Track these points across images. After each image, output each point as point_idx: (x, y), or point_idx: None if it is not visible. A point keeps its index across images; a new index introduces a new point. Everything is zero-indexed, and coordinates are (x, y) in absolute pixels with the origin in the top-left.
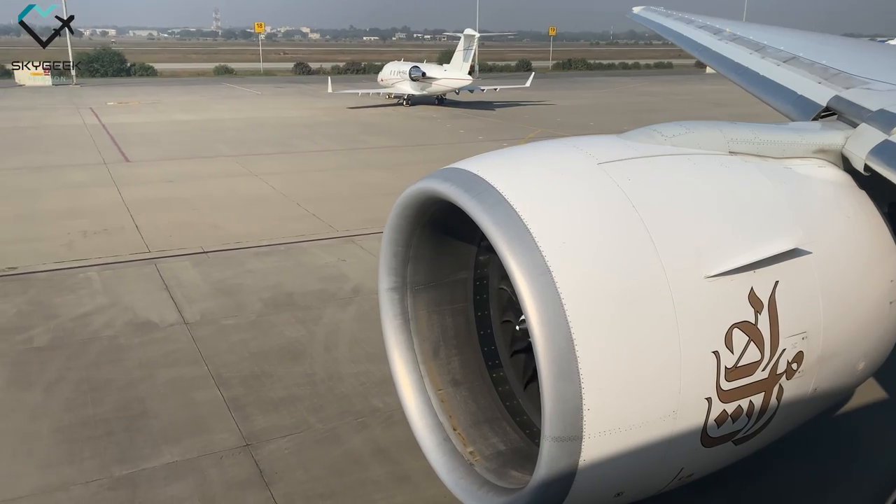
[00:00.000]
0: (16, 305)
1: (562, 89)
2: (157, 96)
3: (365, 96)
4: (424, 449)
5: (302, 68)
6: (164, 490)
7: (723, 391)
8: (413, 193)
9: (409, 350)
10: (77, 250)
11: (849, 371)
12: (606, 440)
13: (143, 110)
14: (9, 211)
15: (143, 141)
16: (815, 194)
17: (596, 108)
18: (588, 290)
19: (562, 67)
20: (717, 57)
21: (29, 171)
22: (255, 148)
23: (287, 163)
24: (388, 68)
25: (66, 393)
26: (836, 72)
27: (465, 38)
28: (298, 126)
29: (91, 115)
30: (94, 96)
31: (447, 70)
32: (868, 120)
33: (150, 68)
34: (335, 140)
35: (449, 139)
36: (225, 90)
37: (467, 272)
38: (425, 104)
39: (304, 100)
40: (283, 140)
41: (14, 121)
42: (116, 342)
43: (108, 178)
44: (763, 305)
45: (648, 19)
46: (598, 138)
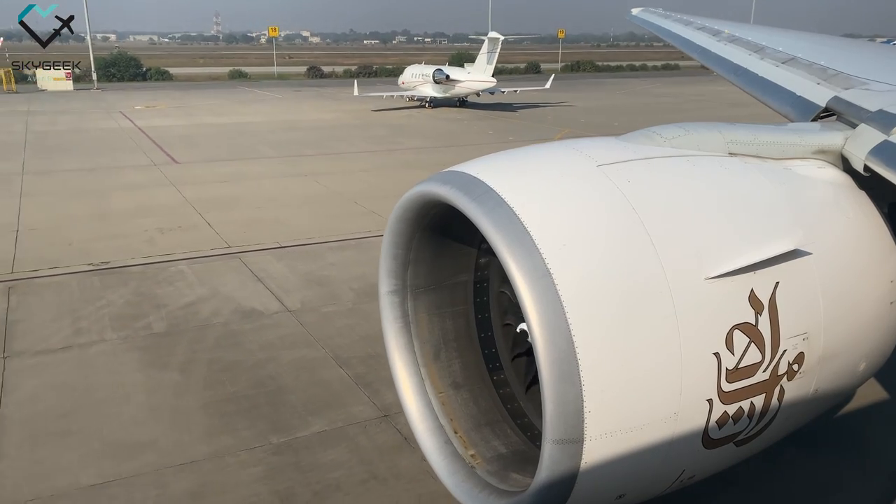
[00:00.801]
0: (122, 296)
1: (577, 91)
2: (181, 100)
3: (389, 99)
4: (425, 451)
5: (314, 72)
6: (324, 455)
7: (724, 392)
8: (413, 196)
9: (409, 353)
10: (159, 246)
11: (850, 372)
12: (608, 442)
13: (173, 114)
14: (82, 210)
15: (183, 143)
16: (814, 195)
17: (616, 109)
18: (588, 293)
19: (570, 69)
20: (717, 58)
21: (85, 172)
22: (295, 150)
23: (330, 163)
24: (410, 71)
25: (201, 373)
26: (835, 72)
27: (490, 40)
28: (329, 128)
29: (123, 118)
30: (118, 100)
31: (470, 72)
32: (867, 120)
33: (166, 72)
34: (370, 142)
35: (480, 140)
36: (244, 94)
37: (467, 275)
38: (447, 106)
39: (325, 103)
40: (320, 142)
41: (52, 125)
42: (229, 328)
43: (164, 179)
44: (763, 306)
45: (647, 21)
46: (597, 140)
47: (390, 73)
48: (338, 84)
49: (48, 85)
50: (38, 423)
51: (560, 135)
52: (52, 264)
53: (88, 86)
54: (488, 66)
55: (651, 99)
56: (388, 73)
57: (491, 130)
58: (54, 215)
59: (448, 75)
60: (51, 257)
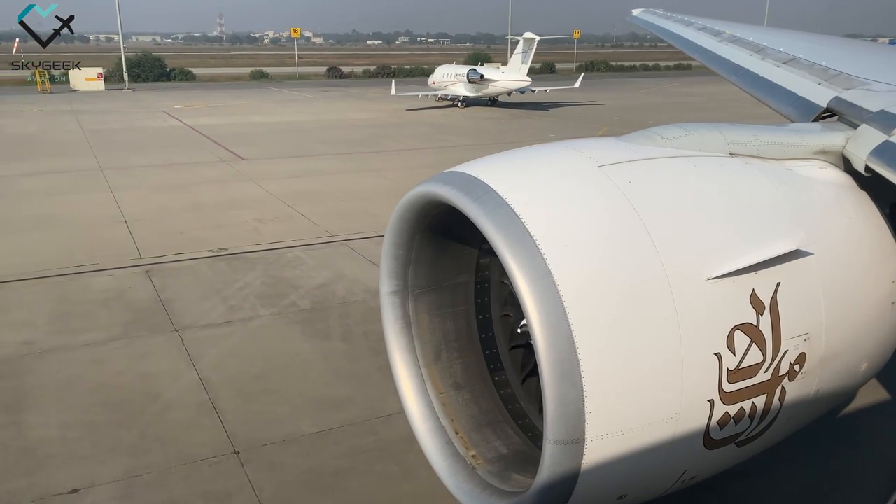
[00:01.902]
0: (256, 278)
1: (599, 90)
2: (216, 100)
3: (421, 98)
4: (427, 452)
5: (334, 72)
6: None
7: (725, 393)
8: (413, 197)
9: (410, 353)
10: (265, 235)
11: (851, 372)
12: (609, 443)
13: (215, 113)
14: (174, 203)
15: (241, 141)
16: (816, 195)
17: (644, 107)
18: (589, 293)
19: (584, 69)
20: (717, 59)
21: (160, 168)
22: (349, 147)
23: (389, 160)
24: (441, 71)
25: (361, 343)
26: (836, 73)
27: (525, 41)
28: (372, 126)
29: (169, 117)
30: (155, 100)
31: (504, 72)
32: (868, 121)
33: (189, 73)
34: (418, 140)
35: (522, 137)
36: (274, 94)
37: (468, 275)
38: (478, 105)
39: (358, 102)
40: (369, 139)
41: (103, 123)
42: (368, 305)
43: (238, 174)
44: (765, 307)
45: (648, 22)
46: (598, 140)
47: (407, 73)
48: (361, 84)
49: (80, 85)
50: (239, 384)
51: (601, 132)
52: (174, 251)
53: (119, 86)
54: (523, 66)
55: (677, 98)
56: (405, 74)
57: (531, 128)
58: (151, 207)
59: (482, 75)
60: (170, 244)
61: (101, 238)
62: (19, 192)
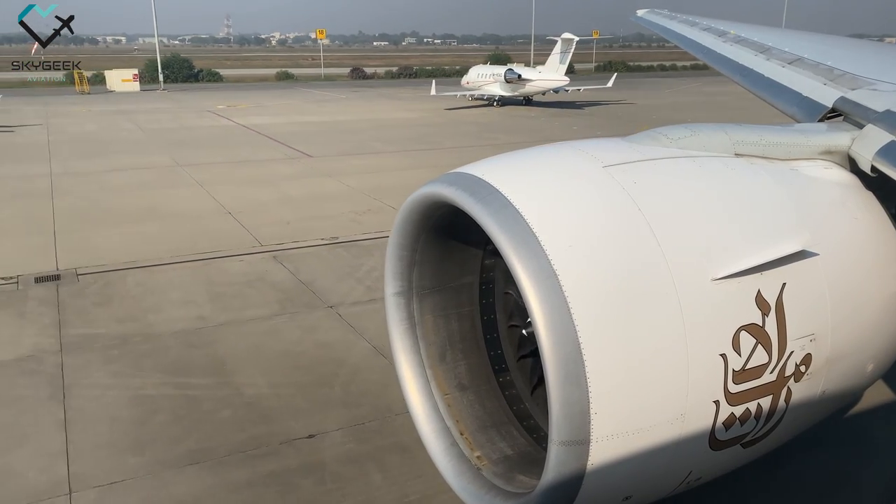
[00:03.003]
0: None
1: (626, 90)
2: (254, 100)
3: (452, 98)
4: (431, 453)
5: (357, 73)
6: None
7: (731, 394)
8: (418, 198)
9: (415, 354)
10: (367, 225)
11: (858, 373)
12: (614, 444)
13: (261, 113)
14: (266, 196)
15: (299, 140)
16: (821, 196)
17: (677, 106)
18: (594, 294)
19: (602, 69)
20: (722, 59)
21: (235, 164)
22: (405, 145)
23: (449, 157)
24: (475, 71)
25: None
26: (841, 73)
27: (563, 41)
28: (419, 126)
29: (217, 117)
30: (194, 100)
31: (541, 72)
32: (874, 121)
33: (217, 74)
34: (468, 137)
35: (569, 135)
36: (307, 94)
37: (473, 276)
38: (513, 104)
39: (394, 102)
40: (422, 138)
41: (157, 122)
42: None
43: (313, 170)
44: (770, 307)
45: (653, 22)
46: (602, 141)
47: (429, 73)
48: (387, 84)
49: (116, 86)
50: None
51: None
52: (289, 239)
53: (153, 87)
54: (561, 66)
55: (706, 98)
56: (426, 74)
57: (575, 126)
58: (247, 201)
59: (520, 74)
60: (282, 234)
61: (214, 228)
62: (114, 187)
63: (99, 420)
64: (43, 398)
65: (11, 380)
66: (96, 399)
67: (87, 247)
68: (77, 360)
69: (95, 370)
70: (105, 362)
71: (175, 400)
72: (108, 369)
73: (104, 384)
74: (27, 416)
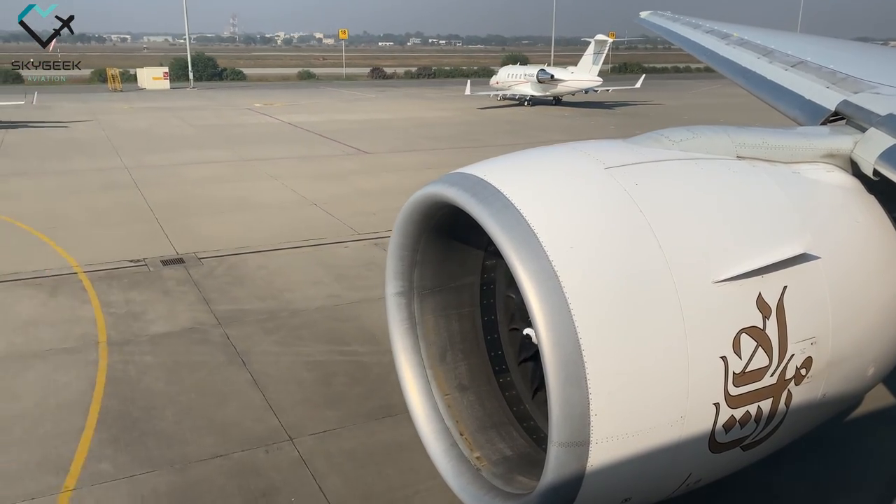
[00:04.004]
0: None
1: (651, 91)
2: (286, 99)
3: (487, 98)
4: (431, 454)
5: (377, 73)
6: None
7: (731, 396)
8: (420, 198)
9: (415, 354)
10: None
11: (858, 376)
12: (614, 445)
13: (299, 111)
14: (343, 189)
15: (348, 137)
16: (823, 199)
17: (704, 107)
18: (595, 295)
19: (618, 71)
20: (725, 61)
21: (300, 160)
22: (452, 142)
23: (499, 153)
24: (505, 71)
25: None
26: (844, 76)
27: (596, 42)
28: (458, 124)
29: (258, 114)
30: (227, 98)
31: (573, 72)
32: (877, 124)
33: (240, 73)
34: (509, 135)
35: (607, 134)
36: (335, 93)
37: (474, 277)
38: (543, 104)
39: (423, 102)
40: (463, 135)
41: (202, 119)
42: None
43: (374, 166)
44: (771, 310)
45: (656, 24)
46: (605, 143)
47: (448, 74)
48: (409, 84)
49: (147, 84)
50: None
51: None
52: (382, 228)
53: (183, 85)
54: (594, 67)
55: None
56: (445, 75)
57: (611, 126)
58: (325, 193)
59: (552, 75)
60: (372, 222)
61: (306, 217)
62: (193, 180)
63: (286, 381)
64: (223, 363)
65: (187, 348)
66: (273, 364)
67: (195, 234)
68: (238, 332)
69: (260, 340)
70: (265, 333)
71: (346, 365)
72: (271, 339)
73: (275, 352)
74: (216, 377)
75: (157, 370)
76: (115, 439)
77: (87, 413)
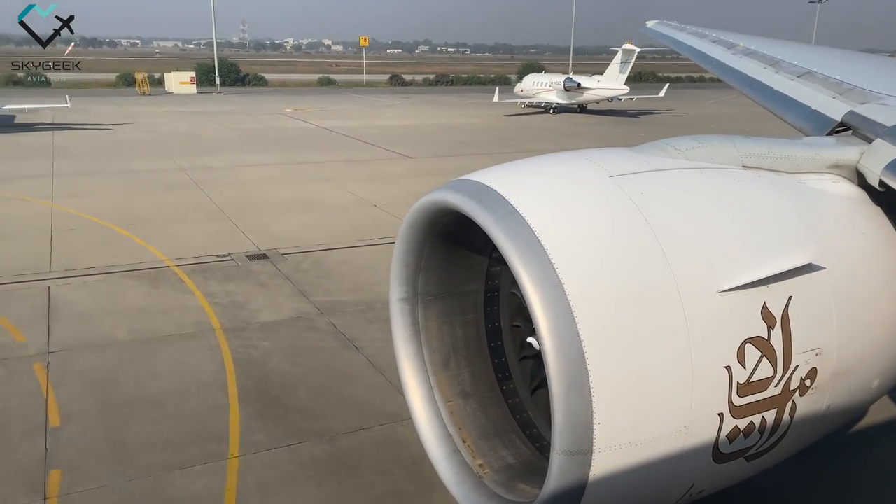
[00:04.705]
0: None
1: (674, 100)
2: (314, 104)
3: (512, 105)
4: (433, 461)
5: (396, 80)
6: None
7: (735, 407)
8: (425, 204)
9: (419, 360)
10: None
11: (863, 388)
12: (617, 454)
13: (329, 117)
14: (396, 191)
15: (387, 142)
16: (829, 209)
17: (727, 116)
18: (599, 304)
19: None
20: (732, 71)
21: (348, 163)
22: (489, 147)
23: None
24: (530, 80)
25: None
26: (850, 87)
27: (624, 51)
28: (489, 131)
29: (291, 119)
30: (255, 103)
31: (600, 81)
32: (883, 135)
33: (262, 78)
34: (545, 141)
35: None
36: (359, 99)
37: (478, 283)
38: (567, 112)
39: (450, 109)
40: (499, 141)
41: (240, 123)
42: None
43: (422, 169)
44: (776, 321)
45: (662, 33)
46: (610, 151)
47: (465, 81)
48: (430, 91)
49: (174, 88)
50: None
51: None
52: None
53: (208, 90)
54: (620, 75)
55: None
56: (462, 82)
57: (642, 133)
58: (381, 195)
59: (579, 83)
60: None
61: (370, 217)
62: (251, 181)
63: None
64: (338, 348)
65: (298, 334)
66: (384, 350)
67: (269, 231)
68: (341, 320)
69: (365, 328)
70: (368, 322)
71: None
72: (374, 328)
73: (383, 338)
74: (336, 361)
75: (279, 354)
76: (261, 414)
77: (226, 391)
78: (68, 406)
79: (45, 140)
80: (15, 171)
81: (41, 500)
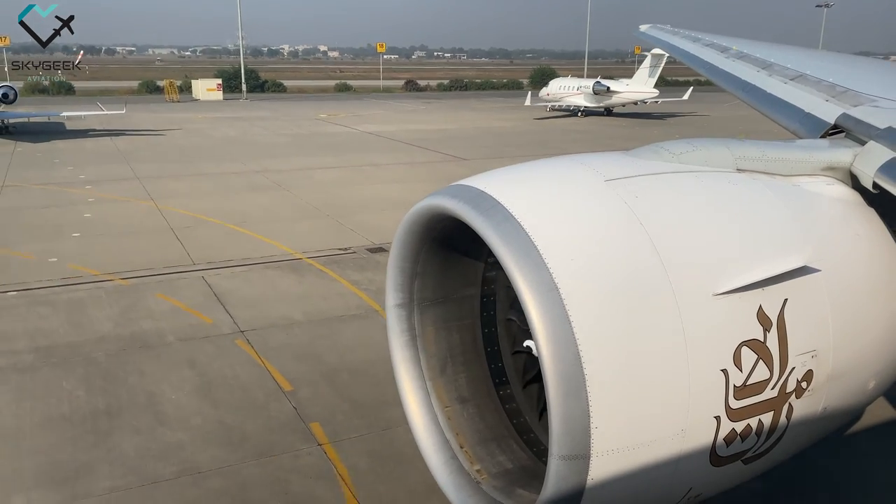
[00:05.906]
0: None
1: (696, 103)
2: (344, 110)
3: (539, 109)
4: (431, 467)
5: (411, 85)
6: None
7: (731, 410)
8: (421, 209)
9: (415, 366)
10: None
11: (859, 390)
12: (614, 459)
13: (365, 121)
14: None
15: (434, 145)
16: (823, 212)
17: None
18: (595, 308)
19: None
20: (725, 75)
21: (407, 165)
22: (531, 149)
23: None
24: (557, 83)
25: None
26: (843, 89)
27: (653, 56)
28: (524, 134)
29: (329, 124)
30: (285, 109)
31: (628, 84)
32: (876, 137)
33: (281, 84)
34: (580, 143)
35: None
36: (384, 104)
37: (475, 288)
38: (594, 115)
39: (477, 113)
40: (539, 143)
41: (283, 129)
42: None
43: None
44: (772, 323)
45: (656, 37)
46: (604, 155)
47: (479, 86)
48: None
49: (202, 94)
50: None
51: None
52: None
53: (234, 96)
54: (649, 79)
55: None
56: (476, 87)
57: (676, 135)
58: None
59: (608, 87)
60: None
61: None
62: (328, 182)
63: None
64: None
65: None
66: None
67: (370, 227)
68: None
69: None
70: None
71: None
72: None
73: None
74: None
75: None
76: None
77: None
78: (290, 374)
79: (107, 145)
80: (100, 174)
81: (316, 445)
